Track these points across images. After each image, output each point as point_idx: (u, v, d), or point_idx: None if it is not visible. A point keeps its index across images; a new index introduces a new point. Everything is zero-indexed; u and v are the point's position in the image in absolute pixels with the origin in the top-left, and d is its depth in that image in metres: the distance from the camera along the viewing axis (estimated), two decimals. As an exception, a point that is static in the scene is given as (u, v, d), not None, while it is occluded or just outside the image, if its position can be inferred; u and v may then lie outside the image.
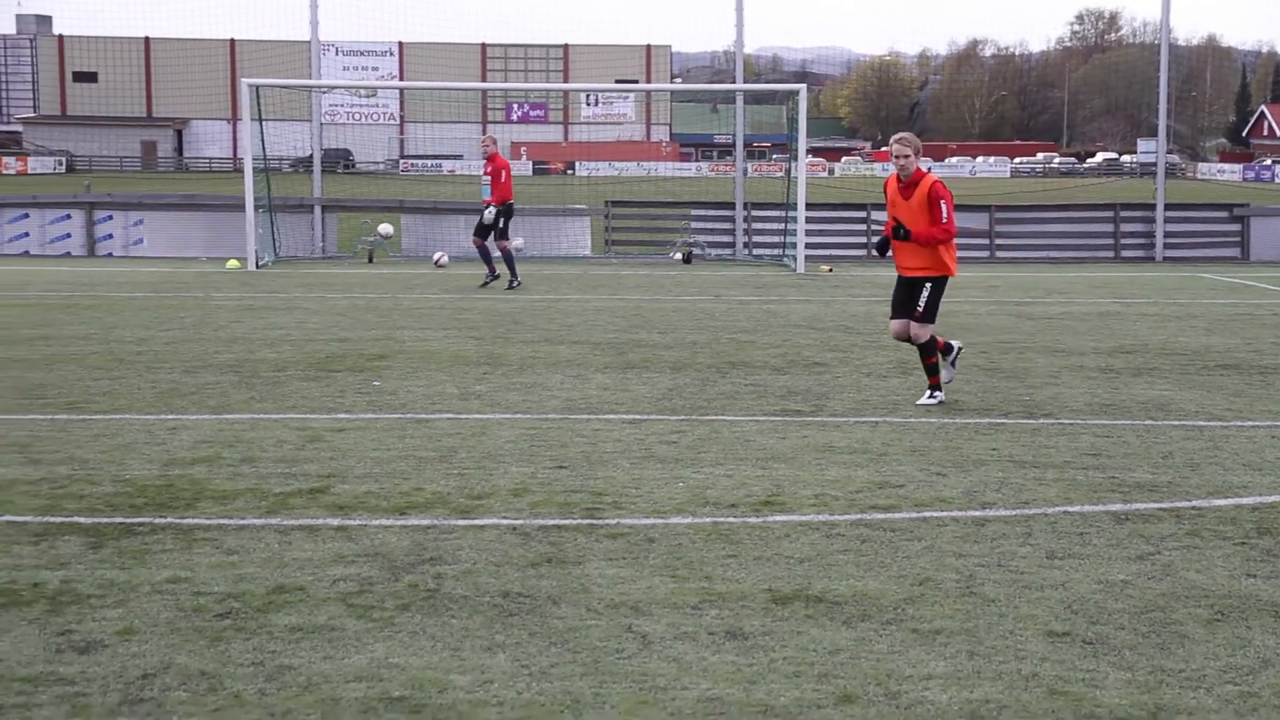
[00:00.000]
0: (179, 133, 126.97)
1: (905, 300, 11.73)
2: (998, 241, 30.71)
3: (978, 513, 8.20)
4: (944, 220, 11.38)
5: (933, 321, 11.67)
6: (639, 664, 5.69)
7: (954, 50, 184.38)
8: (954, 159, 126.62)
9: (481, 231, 22.74)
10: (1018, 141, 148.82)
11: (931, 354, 11.76)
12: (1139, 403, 11.93)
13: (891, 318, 11.94)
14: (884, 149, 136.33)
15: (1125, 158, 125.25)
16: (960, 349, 12.24)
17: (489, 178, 22.66)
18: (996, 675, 5.60)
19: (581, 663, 5.70)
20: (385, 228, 28.39)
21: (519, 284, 22.51)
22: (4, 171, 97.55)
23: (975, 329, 17.07)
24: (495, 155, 22.83)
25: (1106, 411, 11.53)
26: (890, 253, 11.88)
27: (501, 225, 22.58)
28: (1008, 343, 15.82)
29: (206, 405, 11.49)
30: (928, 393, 11.82)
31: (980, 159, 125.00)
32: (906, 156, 11.47)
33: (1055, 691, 5.43)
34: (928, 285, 11.60)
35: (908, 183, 11.52)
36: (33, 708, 5.18)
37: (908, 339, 11.80)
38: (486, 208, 22.69)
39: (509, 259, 22.68)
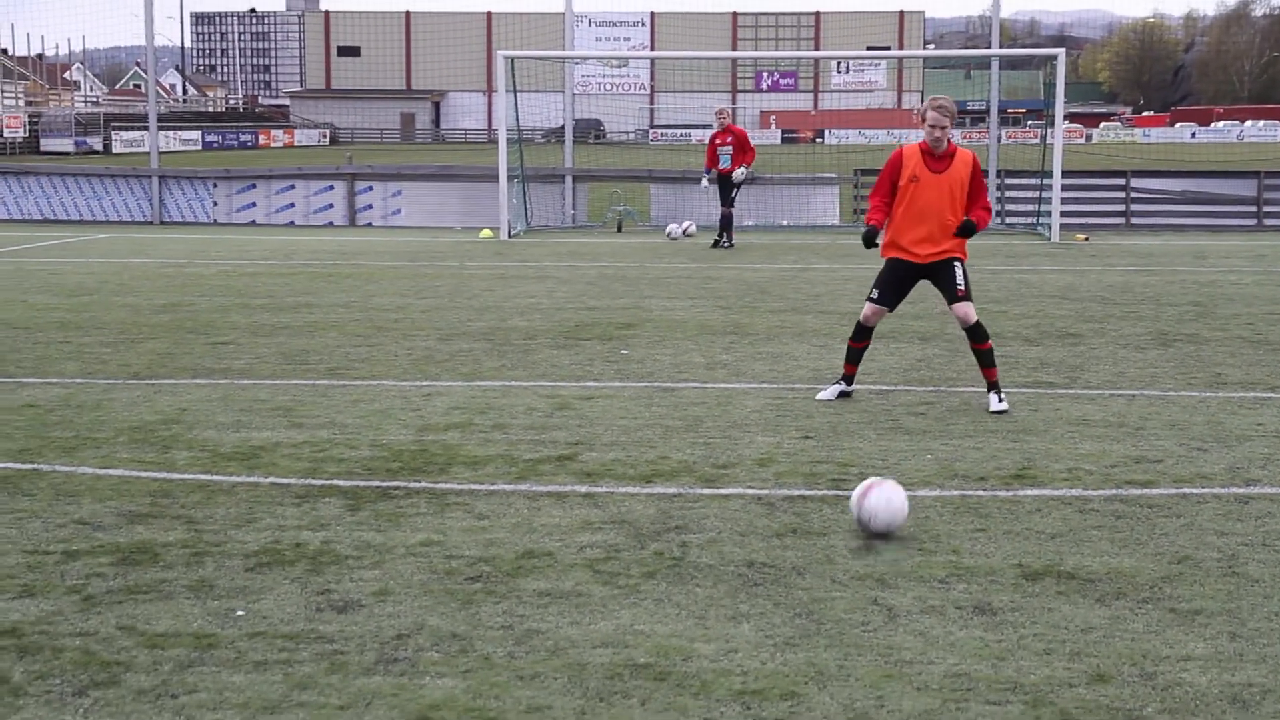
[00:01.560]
0: (436, 105, 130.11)
1: (899, 288, 10.58)
2: (1266, 209, 29.46)
3: (1241, 490, 7.89)
4: (987, 198, 10.33)
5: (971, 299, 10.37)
6: (884, 637, 5.63)
7: (1223, 10, 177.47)
8: (1220, 123, 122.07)
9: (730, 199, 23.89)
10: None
11: (986, 339, 10.31)
12: None
13: (877, 300, 10.56)
14: (1145, 114, 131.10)
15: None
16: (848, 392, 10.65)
17: (730, 146, 24.28)
18: (1260, 658, 5.38)
19: (826, 634, 5.66)
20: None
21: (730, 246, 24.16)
22: (272, 144, 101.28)
23: (1240, 299, 16.44)
24: (732, 125, 24.72)
25: (1382, 386, 10.99)
26: (880, 240, 10.62)
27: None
28: (1276, 314, 15.19)
29: (459, 372, 11.75)
30: (990, 397, 10.21)
31: (1249, 123, 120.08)
32: (944, 127, 10.14)
33: (1323, 679, 5.20)
34: (957, 264, 10.31)
35: (940, 155, 10.20)
36: (294, 664, 5.36)
37: (872, 328, 10.62)
38: (738, 170, 24.37)
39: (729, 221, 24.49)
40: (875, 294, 10.60)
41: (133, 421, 9.74)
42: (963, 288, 10.29)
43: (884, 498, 6.91)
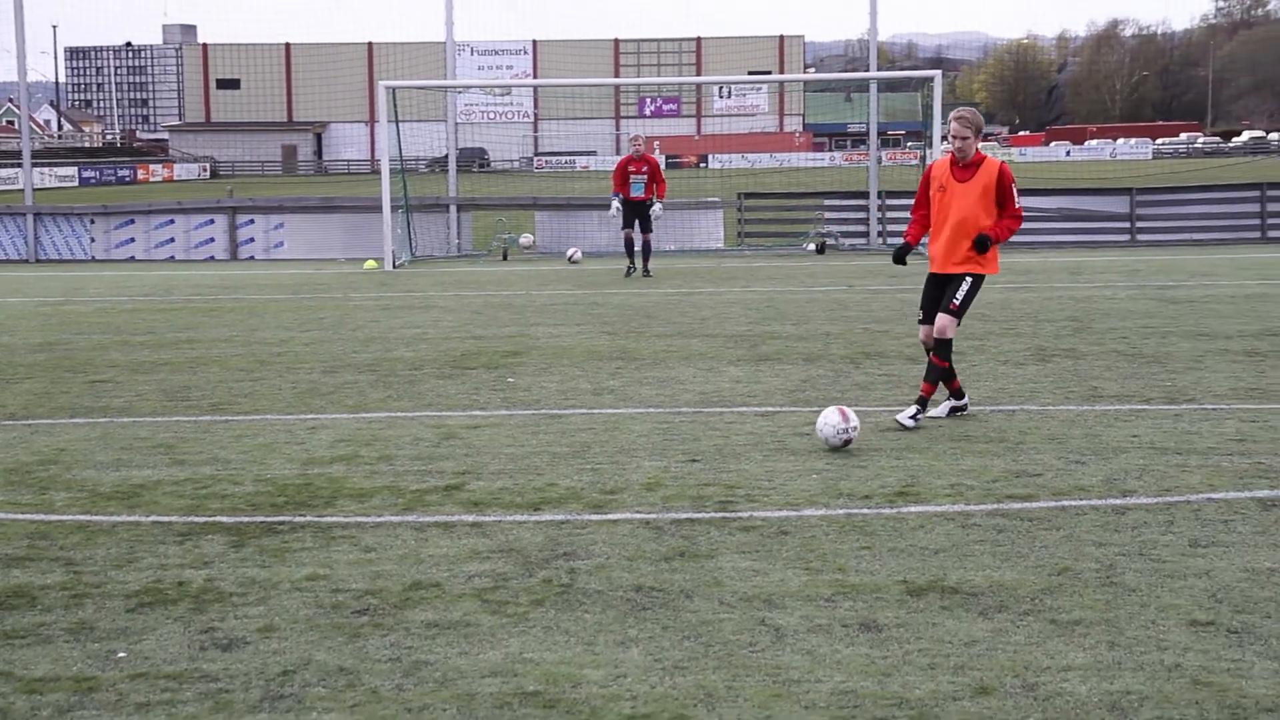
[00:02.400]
0: (318, 136, 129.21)
1: (938, 300, 10.52)
2: (1139, 224, 30.11)
3: (1118, 501, 8.04)
4: (1016, 206, 10.31)
5: (960, 319, 10.48)
6: (772, 657, 5.66)
7: (1093, 31, 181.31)
8: (1094, 141, 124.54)
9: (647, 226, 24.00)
10: (1160, 122, 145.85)
11: (946, 356, 10.39)
12: (1287, 386, 11.63)
13: (921, 322, 10.66)
14: (1021, 134, 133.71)
15: (1273, 136, 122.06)
16: (967, 406, 10.75)
17: (644, 175, 23.89)
18: (1138, 666, 5.49)
19: (715, 656, 5.69)
20: (526, 238, 28.67)
21: (633, 272, 23.97)
22: (151, 178, 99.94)
23: (1115, 314, 16.77)
24: (648, 154, 24.27)
25: (1252, 396, 11.26)
26: (908, 257, 10.88)
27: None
28: (1149, 327, 15.52)
29: (345, 404, 11.67)
30: (911, 409, 10.33)
31: (1121, 141, 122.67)
32: (966, 138, 10.23)
33: (1199, 682, 5.31)
34: (967, 279, 10.36)
35: (965, 165, 10.34)
36: (177, 704, 5.29)
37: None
38: (657, 206, 24.09)
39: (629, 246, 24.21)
40: (919, 314, 10.76)
41: (8, 463, 9.56)
42: (956, 302, 10.41)
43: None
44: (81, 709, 5.25)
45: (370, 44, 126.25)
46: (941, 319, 10.39)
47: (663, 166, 25.18)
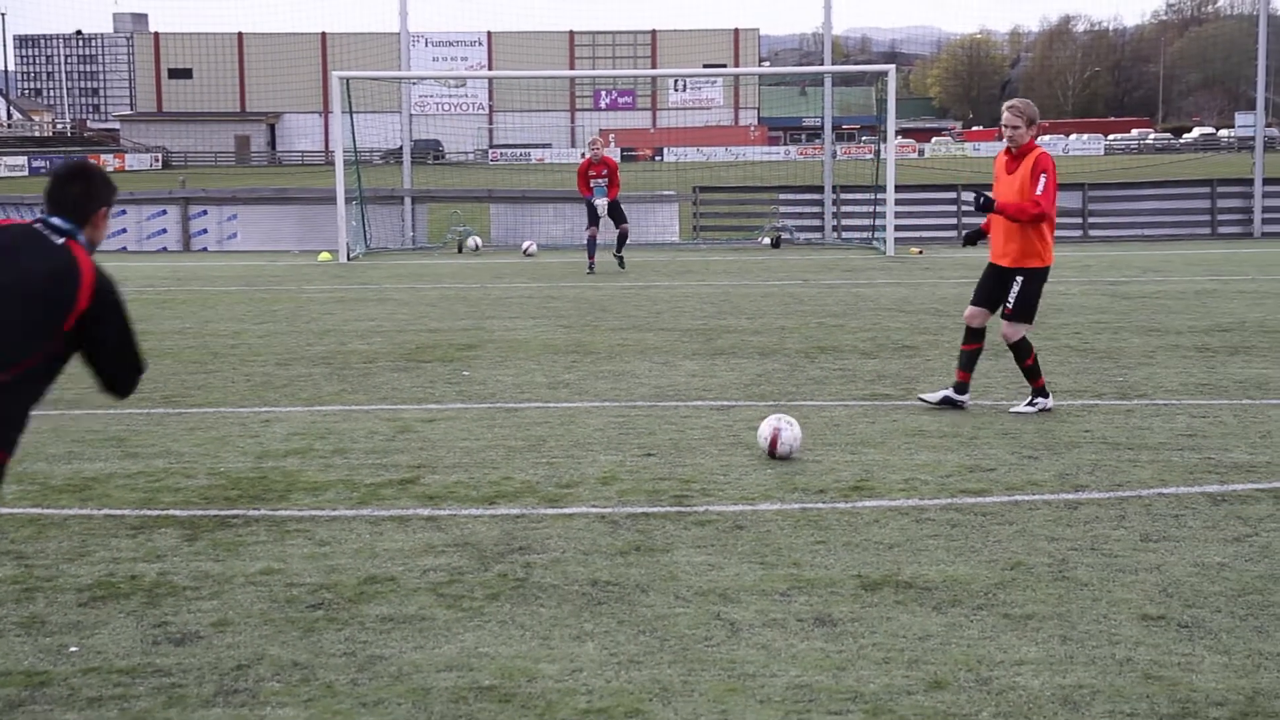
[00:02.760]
0: (272, 127, 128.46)
1: (990, 289, 10.66)
2: (1091, 220, 30.31)
3: (1070, 495, 8.10)
4: (1037, 192, 10.20)
5: (1027, 320, 10.54)
6: (727, 651, 5.68)
7: (1046, 26, 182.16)
8: (1046, 137, 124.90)
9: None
10: (1112, 118, 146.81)
11: (1027, 354, 10.53)
12: (1236, 382, 11.73)
13: (971, 302, 10.85)
14: (975, 129, 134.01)
15: (1223, 132, 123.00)
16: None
17: (605, 178, 23.63)
18: (1090, 660, 5.53)
19: (670, 650, 5.70)
20: (474, 240, 28.47)
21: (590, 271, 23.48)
22: (103, 169, 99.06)
23: (1068, 309, 16.88)
24: (607, 156, 24.00)
25: (1203, 391, 11.36)
26: (979, 241, 11.08)
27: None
28: (1101, 323, 15.63)
29: (299, 397, 11.62)
30: (1028, 399, 10.62)
31: (1073, 136, 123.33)
32: (1016, 127, 10.33)
33: (1150, 676, 5.36)
34: (1019, 279, 10.43)
35: (1016, 154, 10.43)
36: (130, 699, 5.26)
37: (980, 328, 10.79)
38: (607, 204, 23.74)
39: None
40: (972, 294, 10.92)
41: (-41, 456, 9.46)
42: (1011, 305, 10.51)
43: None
44: (33, 704, 5.22)
45: (324, 34, 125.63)
46: (1004, 327, 10.61)
47: (619, 164, 25.08)
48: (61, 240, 5.27)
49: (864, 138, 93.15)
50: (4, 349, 4.84)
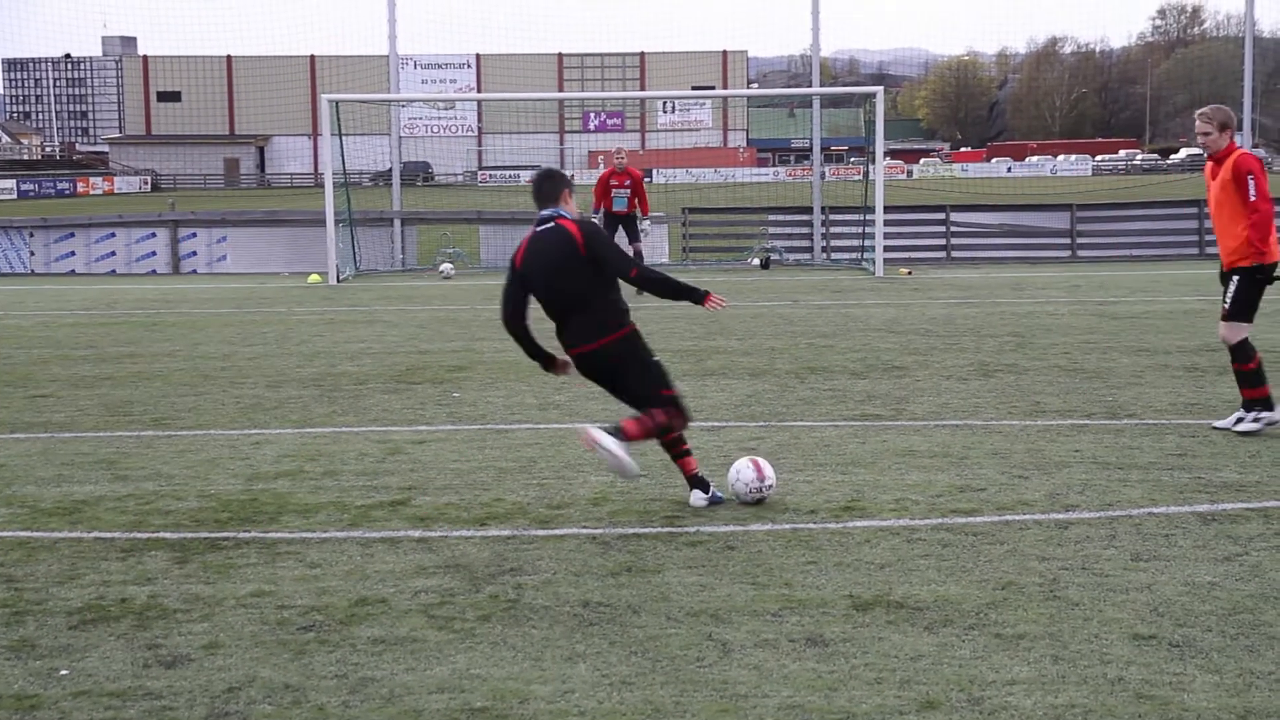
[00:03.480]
0: (261, 149, 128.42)
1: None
2: (1079, 240, 30.39)
3: (1061, 515, 8.11)
4: (1251, 197, 9.97)
5: (1244, 319, 10.26)
6: (719, 672, 5.68)
7: (1033, 48, 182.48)
8: (1034, 158, 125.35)
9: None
10: (1099, 139, 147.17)
11: (1247, 359, 10.21)
12: (1225, 401, 11.74)
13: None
14: (963, 149, 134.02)
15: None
16: (1276, 419, 10.24)
17: (627, 189, 23.48)
18: (1081, 680, 5.53)
19: (662, 671, 5.69)
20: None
21: None
22: (91, 191, 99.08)
23: (1057, 329, 16.91)
24: (631, 168, 23.83)
25: (1192, 411, 11.38)
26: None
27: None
28: (1090, 343, 15.66)
29: (289, 419, 11.61)
30: (1237, 414, 10.27)
31: (1061, 158, 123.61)
32: (1207, 133, 10.14)
33: (1142, 695, 5.36)
34: (1235, 278, 10.22)
35: (1218, 160, 10.22)
36: (121, 722, 5.25)
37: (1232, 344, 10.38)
38: (644, 222, 23.80)
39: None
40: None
41: (-52, 479, 9.45)
42: (1227, 304, 10.37)
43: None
44: (24, 728, 5.20)
45: (312, 57, 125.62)
46: (1221, 327, 10.49)
47: (643, 176, 24.96)
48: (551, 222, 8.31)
49: (852, 159, 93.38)
50: (604, 320, 8.34)
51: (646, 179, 31.58)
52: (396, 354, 15.61)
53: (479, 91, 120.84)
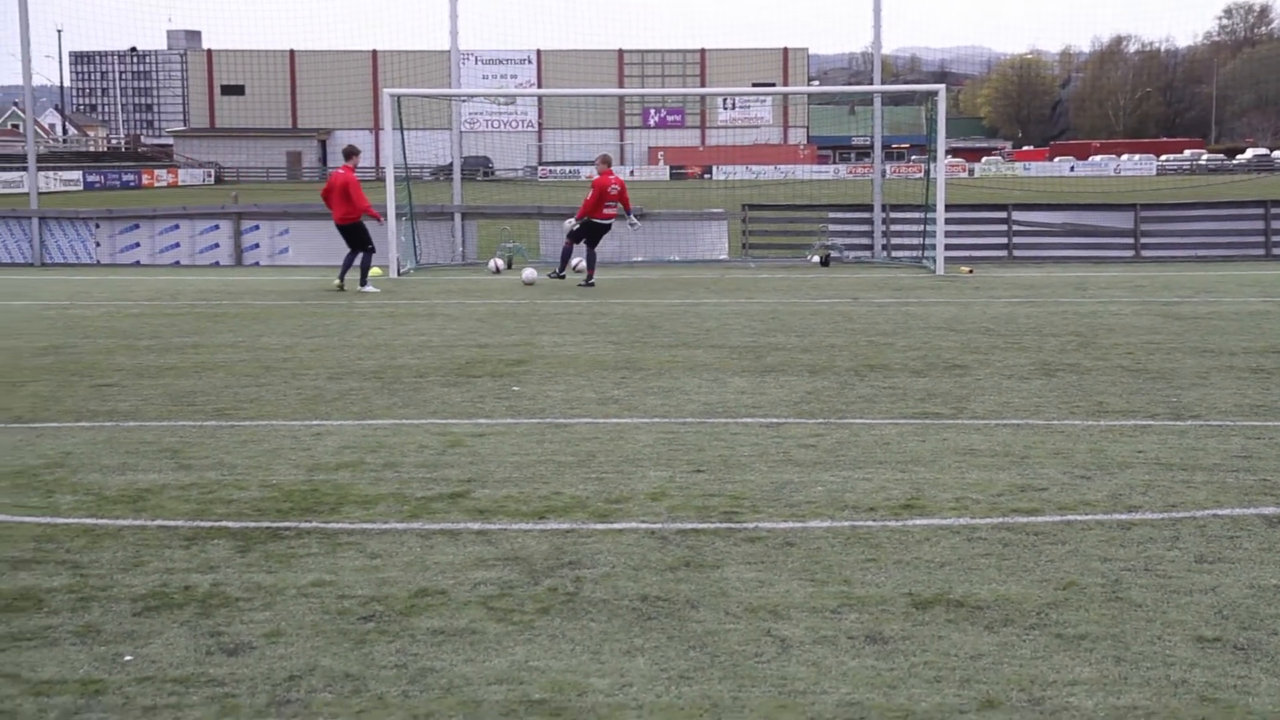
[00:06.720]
0: (323, 143, 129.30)
1: None
2: (1143, 240, 30.12)
3: (1123, 516, 8.05)
4: None
5: None
6: (778, 668, 5.67)
7: (1097, 47, 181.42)
8: (1097, 157, 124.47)
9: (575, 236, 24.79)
10: (1164, 139, 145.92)
11: None
12: (1291, 403, 11.62)
13: None
14: (1025, 148, 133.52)
15: (1276, 153, 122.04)
16: None
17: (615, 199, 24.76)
18: (1144, 682, 5.49)
19: (720, 666, 5.69)
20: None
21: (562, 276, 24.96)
22: (155, 184, 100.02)
23: (1120, 329, 16.78)
24: (603, 174, 24.77)
25: (1257, 412, 11.26)
26: None
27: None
28: (1154, 343, 15.52)
29: (350, 411, 11.68)
30: None
31: (1125, 157, 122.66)
32: None
33: (1205, 699, 5.31)
34: None
35: None
36: (184, 708, 5.30)
37: None
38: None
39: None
40: None
41: (14, 466, 9.57)
42: None
43: None
44: (89, 712, 5.26)
45: (375, 51, 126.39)
46: None
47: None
48: None
49: (913, 157, 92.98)
50: None
51: (706, 174, 31.59)
52: (456, 347, 15.67)
53: (539, 87, 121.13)
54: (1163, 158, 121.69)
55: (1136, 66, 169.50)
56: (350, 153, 24.88)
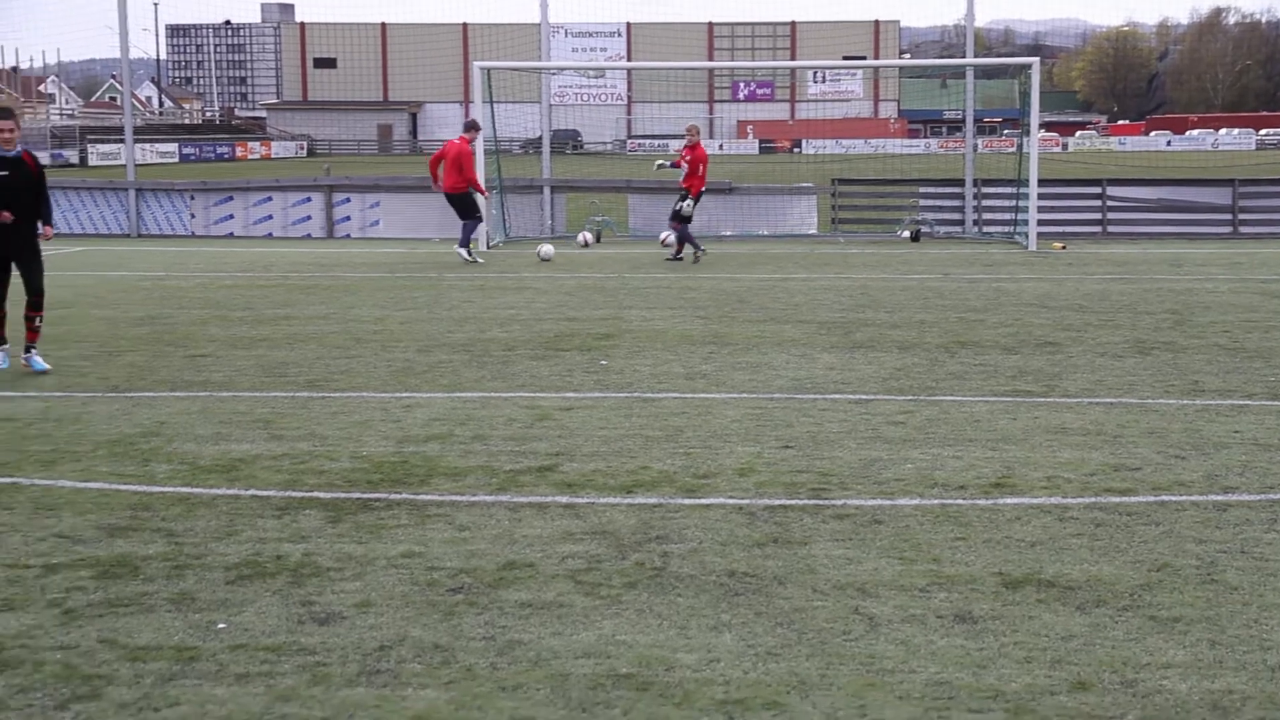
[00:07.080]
0: (414, 116, 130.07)
1: None
2: (1241, 216, 29.61)
3: (1219, 497, 7.93)
4: None
5: None
6: (866, 646, 5.64)
7: (1196, 19, 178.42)
8: (1195, 131, 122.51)
9: (678, 218, 24.05)
10: (1264, 113, 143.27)
11: None
12: (1393, 384, 11.40)
13: None
14: (1120, 123, 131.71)
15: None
16: None
17: (687, 165, 24.07)
18: (1240, 665, 5.41)
19: (808, 643, 5.67)
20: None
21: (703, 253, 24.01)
22: (249, 156, 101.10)
23: (1217, 307, 16.52)
24: (698, 145, 24.18)
25: (1358, 393, 11.05)
26: None
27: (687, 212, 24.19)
28: (1252, 321, 15.27)
29: (439, 384, 11.75)
30: None
31: (1223, 131, 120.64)
32: None
33: (1302, 684, 5.23)
34: None
35: None
36: (276, 675, 5.36)
37: None
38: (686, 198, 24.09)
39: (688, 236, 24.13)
40: None
41: (111, 434, 9.72)
42: None
43: None
44: (183, 678, 5.34)
45: (465, 25, 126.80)
46: None
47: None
48: None
49: (1006, 131, 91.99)
50: None
51: (796, 148, 31.42)
52: (545, 321, 15.71)
53: (629, 60, 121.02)
54: (1262, 132, 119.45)
55: (1236, 38, 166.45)
56: (471, 126, 24.89)
